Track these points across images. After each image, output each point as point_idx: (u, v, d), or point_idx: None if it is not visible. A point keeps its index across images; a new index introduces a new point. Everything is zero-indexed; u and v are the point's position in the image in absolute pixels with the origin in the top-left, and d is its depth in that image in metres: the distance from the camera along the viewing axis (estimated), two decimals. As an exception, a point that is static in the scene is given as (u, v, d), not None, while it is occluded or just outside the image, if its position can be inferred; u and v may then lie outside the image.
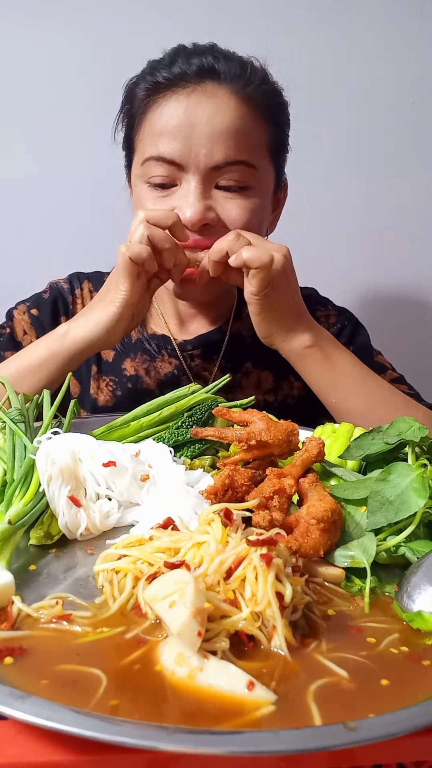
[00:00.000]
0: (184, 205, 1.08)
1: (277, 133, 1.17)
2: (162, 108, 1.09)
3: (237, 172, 1.09)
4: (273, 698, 0.49)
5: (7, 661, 0.52)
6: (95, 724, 0.44)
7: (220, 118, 1.06)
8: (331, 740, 0.44)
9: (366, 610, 0.64)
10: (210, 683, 0.50)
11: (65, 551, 0.73)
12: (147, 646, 0.55)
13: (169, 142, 1.07)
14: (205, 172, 1.08)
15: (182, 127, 1.06)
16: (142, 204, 1.14)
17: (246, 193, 1.12)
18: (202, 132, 1.06)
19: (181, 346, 1.31)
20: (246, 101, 1.09)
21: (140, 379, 1.31)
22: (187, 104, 1.07)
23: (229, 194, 1.11)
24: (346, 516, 0.74)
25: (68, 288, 1.35)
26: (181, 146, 1.07)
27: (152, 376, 1.31)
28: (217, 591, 0.57)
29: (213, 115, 1.06)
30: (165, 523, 0.71)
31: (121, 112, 1.21)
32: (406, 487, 0.72)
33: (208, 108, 1.06)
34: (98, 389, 1.32)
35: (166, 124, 1.08)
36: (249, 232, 1.06)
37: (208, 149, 1.06)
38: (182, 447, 0.94)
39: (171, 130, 1.07)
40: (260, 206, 1.16)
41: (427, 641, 0.59)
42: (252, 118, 1.10)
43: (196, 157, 1.07)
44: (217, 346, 1.32)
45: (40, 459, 0.77)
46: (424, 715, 0.47)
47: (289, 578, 0.59)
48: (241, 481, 0.75)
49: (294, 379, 1.32)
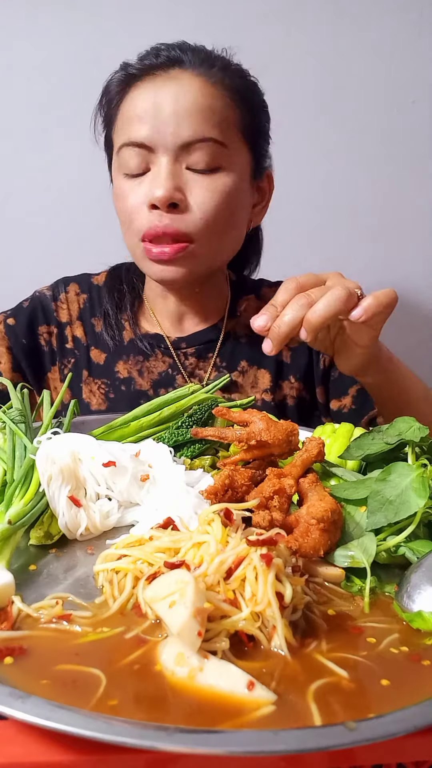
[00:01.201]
0: (154, 185, 1.09)
1: (249, 115, 1.17)
2: (131, 97, 1.13)
3: (205, 151, 1.09)
4: (273, 698, 0.49)
5: (7, 661, 0.52)
6: (95, 724, 0.44)
7: (184, 97, 1.09)
8: (331, 740, 0.44)
9: (366, 610, 0.64)
10: (210, 683, 0.50)
11: (65, 551, 0.73)
12: (147, 646, 0.55)
13: (137, 127, 1.10)
14: (174, 151, 1.09)
15: (148, 110, 1.09)
16: (119, 196, 1.16)
17: (217, 175, 1.12)
18: (167, 112, 1.08)
19: (175, 344, 1.31)
20: (211, 82, 1.11)
21: (133, 380, 1.30)
22: (153, 89, 1.10)
23: (199, 175, 1.11)
24: (346, 516, 0.74)
25: (51, 295, 1.35)
26: (149, 128, 1.09)
27: (146, 377, 1.30)
28: (217, 591, 0.57)
29: (177, 94, 1.09)
30: (165, 523, 0.71)
31: (100, 113, 1.23)
32: (406, 487, 0.72)
33: (172, 89, 1.09)
34: (90, 393, 1.31)
35: (134, 110, 1.11)
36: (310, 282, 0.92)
37: (174, 128, 1.08)
38: (182, 447, 0.94)
39: (138, 114, 1.10)
40: (233, 188, 1.14)
41: (427, 641, 0.59)
42: (218, 97, 1.12)
43: (164, 137, 1.08)
44: (212, 344, 1.31)
45: (40, 459, 0.77)
46: (424, 715, 0.47)
47: (289, 578, 0.59)
48: (241, 481, 0.75)
49: (294, 379, 1.32)
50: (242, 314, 1.34)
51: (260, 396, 1.31)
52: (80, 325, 1.35)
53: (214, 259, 1.20)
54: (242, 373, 1.31)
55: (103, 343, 1.33)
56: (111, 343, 1.32)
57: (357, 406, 1.29)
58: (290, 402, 1.33)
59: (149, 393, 1.29)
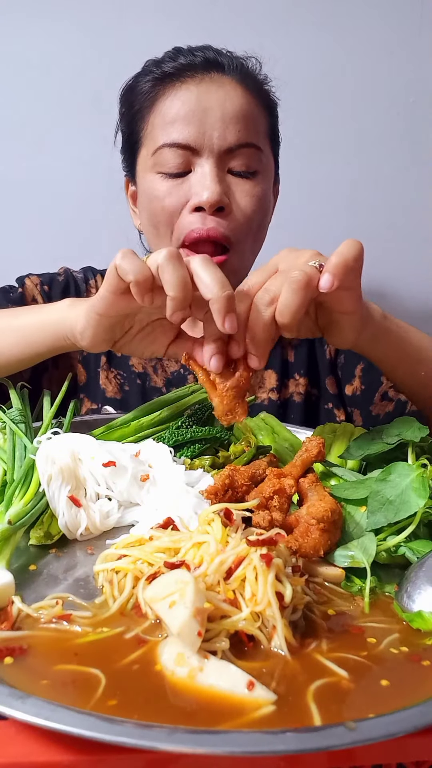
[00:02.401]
0: (200, 188, 1.10)
1: (273, 123, 1.24)
2: (172, 97, 1.13)
3: (247, 156, 1.14)
4: (273, 698, 0.49)
5: (7, 661, 0.52)
6: (95, 724, 0.44)
7: (230, 103, 1.12)
8: (331, 740, 0.44)
9: (366, 610, 0.64)
10: (210, 683, 0.50)
11: (65, 551, 0.73)
12: (147, 646, 0.55)
13: (183, 128, 1.11)
14: (219, 155, 1.11)
15: (196, 112, 1.11)
16: (155, 196, 1.14)
17: (255, 179, 1.16)
18: (214, 116, 1.11)
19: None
20: (249, 90, 1.16)
21: (148, 376, 1.31)
22: (197, 92, 1.12)
23: (240, 180, 1.14)
24: (346, 516, 0.74)
25: (82, 277, 1.35)
26: (195, 131, 1.10)
27: (159, 374, 1.31)
28: (217, 591, 0.57)
29: (224, 100, 1.12)
30: (165, 523, 0.71)
31: (121, 111, 1.23)
32: (406, 487, 0.72)
33: (219, 94, 1.12)
34: (107, 380, 1.32)
35: (179, 111, 1.12)
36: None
37: (221, 132, 1.11)
38: (182, 447, 0.94)
39: (184, 116, 1.11)
40: (267, 193, 1.20)
41: (427, 641, 0.59)
42: (255, 104, 1.17)
43: (210, 140, 1.10)
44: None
45: (40, 459, 0.77)
46: (424, 715, 0.47)
47: (289, 578, 0.59)
48: (241, 481, 0.75)
49: (299, 375, 1.33)
50: None
51: (266, 395, 1.31)
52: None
53: (243, 271, 1.20)
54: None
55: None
56: None
57: (366, 385, 1.30)
58: (297, 399, 1.33)
59: (163, 390, 1.29)
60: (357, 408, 1.32)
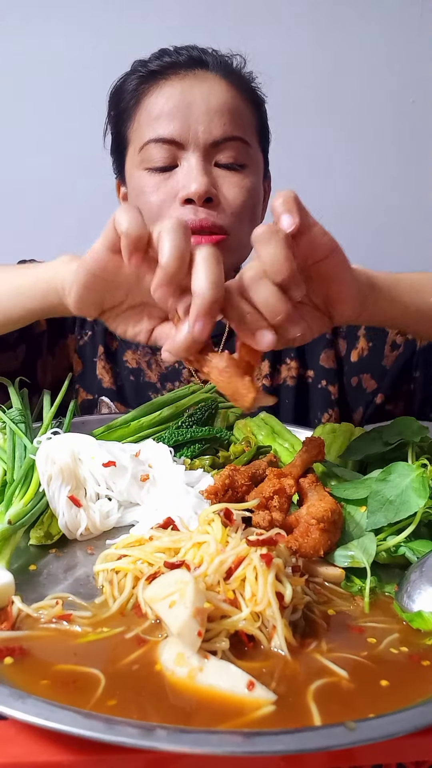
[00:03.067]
0: (187, 180, 1.10)
1: (261, 119, 1.23)
2: (157, 94, 1.14)
3: (234, 149, 1.14)
4: (273, 698, 0.49)
5: (7, 661, 0.52)
6: (95, 724, 0.44)
7: (215, 97, 1.13)
8: (331, 740, 0.44)
9: (366, 610, 0.64)
10: (210, 683, 0.50)
11: (65, 551, 0.73)
12: (147, 646, 0.55)
13: (168, 123, 1.11)
14: (205, 148, 1.12)
15: (180, 107, 1.11)
16: (142, 191, 1.15)
17: (243, 172, 1.16)
18: (199, 110, 1.11)
19: None
20: (234, 85, 1.16)
21: (142, 372, 1.31)
22: (181, 87, 1.13)
23: (227, 172, 1.14)
24: (346, 516, 0.74)
25: None
26: (180, 125, 1.11)
27: (154, 369, 1.31)
28: (217, 591, 0.57)
29: (208, 94, 1.12)
30: (165, 523, 0.71)
31: (109, 113, 1.24)
32: (406, 487, 0.72)
33: (202, 89, 1.13)
34: (104, 370, 1.31)
35: (163, 107, 1.12)
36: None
37: (206, 125, 1.11)
38: (182, 447, 0.94)
39: (169, 111, 1.12)
40: (256, 186, 1.19)
41: (427, 641, 0.59)
42: (241, 99, 1.17)
43: (195, 133, 1.11)
44: (217, 338, 1.31)
45: (40, 459, 0.77)
46: (424, 715, 0.47)
47: (289, 578, 0.59)
48: (241, 481, 0.75)
49: (289, 359, 1.32)
50: None
51: (260, 383, 1.31)
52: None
53: (242, 255, 1.21)
54: None
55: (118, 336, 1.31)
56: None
57: (373, 342, 1.28)
58: (290, 383, 1.33)
59: (157, 386, 1.29)
60: (367, 372, 1.29)
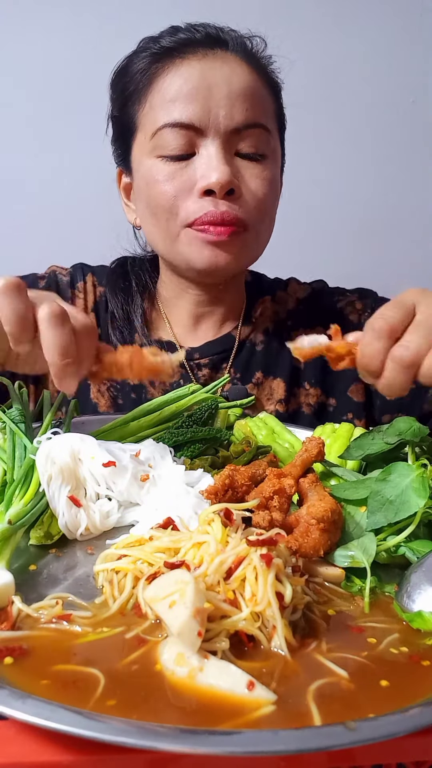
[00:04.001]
0: (207, 170, 1.03)
1: (279, 105, 1.16)
2: (173, 74, 1.05)
3: (255, 138, 1.07)
4: (273, 698, 0.49)
5: (7, 661, 0.52)
6: (95, 724, 0.44)
7: (237, 80, 1.04)
8: (331, 740, 0.44)
9: (366, 610, 0.64)
10: (210, 683, 0.50)
11: (65, 551, 0.73)
12: (147, 646, 0.55)
13: (185, 106, 1.03)
14: (226, 135, 1.04)
15: (199, 89, 1.03)
16: (155, 181, 1.07)
17: (264, 163, 1.09)
18: (220, 93, 1.03)
19: (188, 355, 1.24)
20: (255, 69, 1.08)
21: (145, 389, 1.24)
22: (201, 68, 1.04)
23: (249, 163, 1.07)
24: (346, 516, 0.74)
25: (68, 281, 1.27)
26: (200, 109, 1.02)
27: (157, 386, 1.24)
28: (217, 591, 0.57)
29: (230, 77, 1.04)
30: (165, 523, 0.71)
31: (113, 97, 1.15)
32: (406, 487, 0.72)
33: (224, 71, 1.04)
34: (99, 393, 1.25)
35: (181, 88, 1.03)
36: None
37: (227, 110, 1.03)
38: (182, 447, 0.94)
39: (187, 92, 1.03)
40: (277, 178, 1.14)
41: (427, 641, 0.59)
42: (262, 84, 1.09)
43: (216, 119, 1.03)
44: (226, 354, 1.25)
45: (40, 459, 0.77)
46: (424, 715, 0.47)
47: (289, 578, 0.59)
48: (241, 481, 0.75)
49: (309, 386, 1.26)
50: (258, 320, 1.28)
51: (274, 407, 1.24)
52: (94, 317, 1.26)
53: (258, 251, 1.16)
54: (257, 386, 1.25)
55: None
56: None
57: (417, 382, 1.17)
58: (306, 410, 1.26)
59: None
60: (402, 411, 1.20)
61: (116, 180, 1.23)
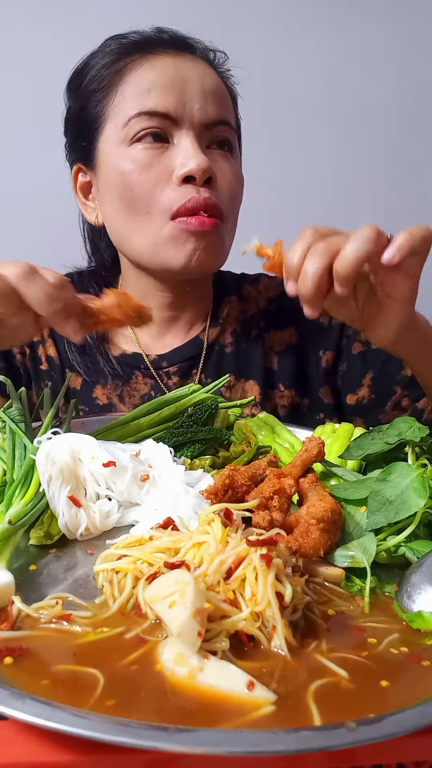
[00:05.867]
0: (185, 158, 1.04)
1: (237, 118, 1.20)
2: (147, 66, 1.07)
3: (225, 133, 1.11)
4: (273, 698, 0.49)
5: (7, 661, 0.52)
6: (95, 724, 0.44)
7: (208, 80, 1.09)
8: (331, 740, 0.44)
9: (366, 610, 0.64)
10: (210, 683, 0.50)
11: (65, 551, 0.73)
12: (147, 646, 0.55)
13: (161, 96, 1.04)
14: (199, 128, 1.07)
15: (175, 82, 1.06)
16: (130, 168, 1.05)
17: (232, 159, 1.13)
18: (194, 88, 1.06)
19: (155, 364, 1.22)
20: (219, 73, 1.14)
21: (114, 407, 1.21)
22: (174, 63, 1.08)
23: (220, 155, 1.10)
24: (346, 516, 0.74)
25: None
26: (175, 100, 1.05)
27: (127, 402, 1.21)
28: (217, 591, 0.57)
29: (202, 75, 1.09)
30: (165, 523, 0.71)
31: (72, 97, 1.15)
32: (406, 487, 0.72)
33: (197, 69, 1.09)
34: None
35: (156, 79, 1.05)
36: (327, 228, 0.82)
37: (201, 105, 1.06)
38: (182, 447, 0.94)
39: (162, 84, 1.05)
40: (242, 175, 1.16)
41: (427, 641, 0.59)
42: (225, 89, 1.14)
43: (191, 111, 1.06)
44: (195, 359, 1.23)
45: (40, 459, 0.77)
46: (424, 715, 0.47)
47: (289, 578, 0.59)
48: (241, 481, 0.75)
49: (284, 387, 1.25)
50: (225, 320, 1.26)
51: (249, 410, 1.21)
52: (52, 343, 1.23)
53: (229, 247, 1.16)
54: (229, 388, 1.23)
55: (76, 369, 1.22)
56: (82, 369, 1.21)
57: (376, 395, 1.20)
58: (281, 411, 1.25)
59: None
60: (361, 416, 1.24)
61: (71, 180, 1.20)
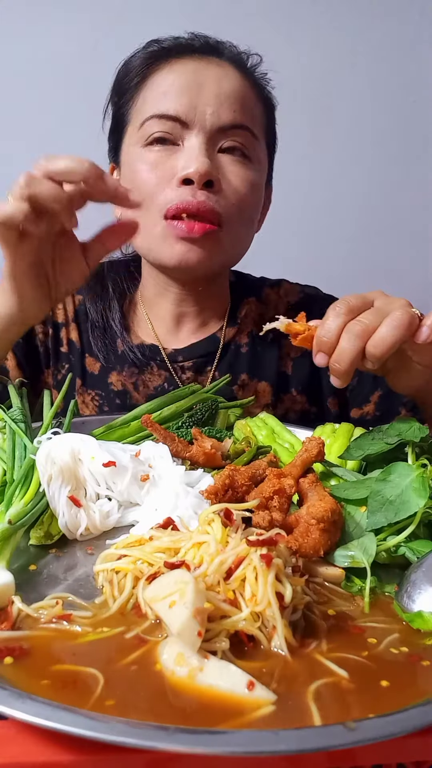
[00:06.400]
0: (187, 160, 1.05)
1: (270, 121, 1.19)
2: (167, 71, 1.09)
3: (240, 138, 1.09)
4: (273, 698, 0.49)
5: (7, 661, 0.52)
6: (95, 724, 0.44)
7: (228, 83, 1.08)
8: (331, 740, 0.44)
9: (366, 610, 0.64)
10: (210, 683, 0.50)
11: (65, 551, 0.73)
12: (147, 646, 0.55)
13: (174, 99, 1.06)
14: (211, 132, 1.07)
15: (190, 85, 1.07)
16: (139, 169, 1.09)
17: (248, 165, 1.11)
18: (210, 92, 1.07)
19: (171, 357, 1.24)
20: (247, 78, 1.12)
21: (128, 394, 1.23)
22: (194, 67, 1.08)
23: (232, 160, 1.09)
24: (346, 516, 0.74)
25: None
26: (187, 103, 1.06)
27: (141, 391, 1.23)
28: (217, 591, 0.57)
29: (220, 79, 1.08)
30: (165, 523, 0.71)
31: (112, 94, 1.18)
32: (406, 487, 0.72)
33: (217, 72, 1.08)
34: (83, 404, 1.25)
35: (172, 83, 1.07)
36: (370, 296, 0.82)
37: (215, 109, 1.06)
38: (182, 447, 0.94)
39: (178, 87, 1.07)
40: (259, 184, 1.14)
41: (427, 641, 0.59)
42: (253, 93, 1.13)
43: (202, 115, 1.06)
44: (210, 356, 1.24)
45: (40, 459, 0.77)
46: (424, 715, 0.47)
47: (289, 578, 0.59)
48: (241, 481, 0.75)
49: (297, 392, 1.26)
50: (242, 321, 1.28)
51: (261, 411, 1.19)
52: (75, 327, 1.27)
53: (234, 253, 1.16)
54: (242, 387, 1.25)
55: (95, 354, 1.26)
56: (101, 354, 1.24)
57: (381, 413, 1.23)
58: (292, 416, 1.26)
59: None
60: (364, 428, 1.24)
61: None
